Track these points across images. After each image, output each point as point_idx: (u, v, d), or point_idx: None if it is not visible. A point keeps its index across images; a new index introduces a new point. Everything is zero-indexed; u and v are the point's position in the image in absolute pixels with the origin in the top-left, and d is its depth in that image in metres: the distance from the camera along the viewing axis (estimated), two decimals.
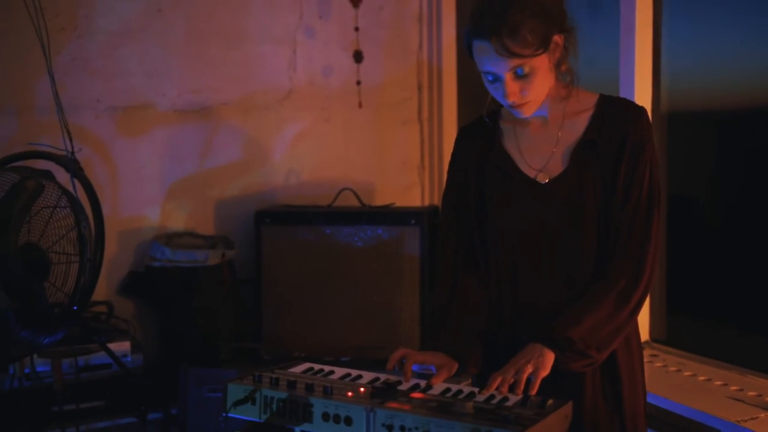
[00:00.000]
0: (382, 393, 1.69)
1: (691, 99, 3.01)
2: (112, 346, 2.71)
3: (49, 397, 2.76)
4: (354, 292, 3.13)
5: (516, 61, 1.84)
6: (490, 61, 1.86)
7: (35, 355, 2.78)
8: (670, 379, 2.63)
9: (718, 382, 2.59)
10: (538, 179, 1.99)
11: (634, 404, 1.97)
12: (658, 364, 2.75)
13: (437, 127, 3.83)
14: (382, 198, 3.70)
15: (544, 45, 1.86)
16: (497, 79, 1.89)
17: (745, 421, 2.27)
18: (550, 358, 1.80)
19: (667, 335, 2.93)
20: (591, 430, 1.91)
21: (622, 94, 2.89)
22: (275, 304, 3.19)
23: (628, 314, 1.88)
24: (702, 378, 2.64)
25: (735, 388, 2.53)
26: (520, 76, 1.87)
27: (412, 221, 3.11)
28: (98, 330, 3.03)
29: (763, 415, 2.30)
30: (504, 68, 1.86)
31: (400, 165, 3.84)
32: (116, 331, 3.10)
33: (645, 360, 2.07)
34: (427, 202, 3.87)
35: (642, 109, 1.98)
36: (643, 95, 2.87)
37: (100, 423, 2.93)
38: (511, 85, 1.88)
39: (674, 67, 2.92)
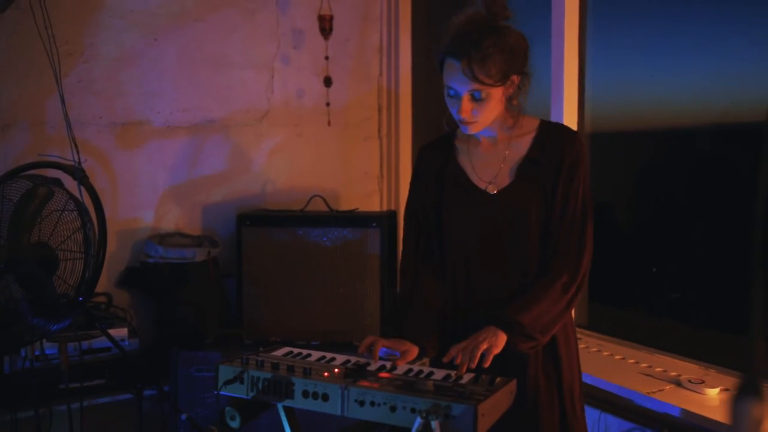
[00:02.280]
0: (354, 373, 1.69)
1: (609, 122, 3.04)
2: (111, 331, 2.66)
3: (57, 377, 2.71)
4: (323, 285, 3.11)
5: (476, 86, 1.86)
6: (455, 78, 1.88)
7: (44, 340, 2.74)
8: (592, 358, 2.67)
9: (632, 361, 2.64)
10: (488, 190, 2.01)
11: (572, 380, 2.01)
12: (582, 346, 2.78)
13: (394, 143, 3.84)
14: (347, 203, 3.68)
15: (502, 80, 1.89)
16: (456, 95, 1.91)
17: (654, 392, 2.32)
18: (503, 338, 1.83)
19: (588, 321, 2.97)
20: (533, 404, 1.94)
21: (553, 118, 2.93)
22: (254, 296, 3.15)
23: (566, 304, 1.92)
24: (618, 357, 2.68)
25: (645, 365, 2.58)
26: (475, 99, 1.89)
27: (374, 224, 3.09)
28: (99, 318, 2.99)
29: (668, 387, 2.36)
30: (465, 88, 1.88)
31: (362, 175, 3.84)
32: (115, 319, 3.05)
33: None
34: (385, 208, 3.88)
35: (576, 133, 2.04)
36: (570, 118, 2.91)
37: (101, 399, 2.88)
38: (466, 105, 1.90)
39: (595, 96, 2.96)
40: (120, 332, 2.90)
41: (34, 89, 3.00)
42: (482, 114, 1.92)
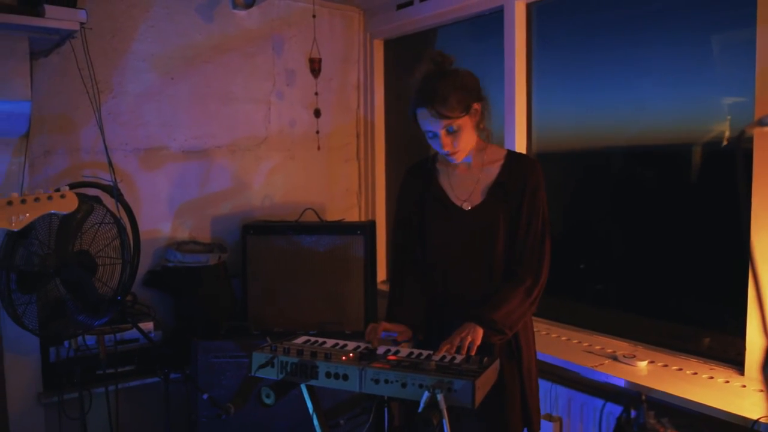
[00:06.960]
0: (367, 356, 1.72)
1: (550, 144, 3.09)
2: (140, 325, 2.65)
3: (95, 363, 2.69)
4: (315, 283, 3.12)
5: (446, 122, 1.90)
6: (429, 122, 1.92)
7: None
8: (543, 340, 2.73)
9: (575, 341, 2.70)
10: (463, 207, 2.04)
11: (530, 361, 2.06)
12: (534, 330, 2.83)
13: (371, 164, 3.86)
14: (331, 215, 3.71)
15: (466, 110, 1.92)
16: (435, 135, 1.94)
17: (596, 366, 2.38)
18: (480, 332, 1.87)
19: (538, 310, 2.99)
20: (499, 381, 1.94)
21: (507, 141, 3.00)
22: (257, 293, 3.14)
23: (529, 305, 1.96)
24: (564, 338, 2.74)
25: (586, 344, 2.64)
26: (450, 132, 1.93)
27: (359, 232, 3.12)
28: (128, 314, 2.96)
29: (607, 362, 2.42)
30: (438, 127, 1.91)
31: (344, 191, 3.86)
32: (141, 314, 3.01)
33: None
34: (363, 218, 3.90)
35: (537, 162, 2.06)
36: (520, 141, 2.98)
37: (132, 382, 2.86)
38: (445, 139, 1.94)
39: (539, 124, 3.04)
40: (147, 326, 2.87)
41: (72, 121, 2.95)
42: (461, 143, 1.95)
